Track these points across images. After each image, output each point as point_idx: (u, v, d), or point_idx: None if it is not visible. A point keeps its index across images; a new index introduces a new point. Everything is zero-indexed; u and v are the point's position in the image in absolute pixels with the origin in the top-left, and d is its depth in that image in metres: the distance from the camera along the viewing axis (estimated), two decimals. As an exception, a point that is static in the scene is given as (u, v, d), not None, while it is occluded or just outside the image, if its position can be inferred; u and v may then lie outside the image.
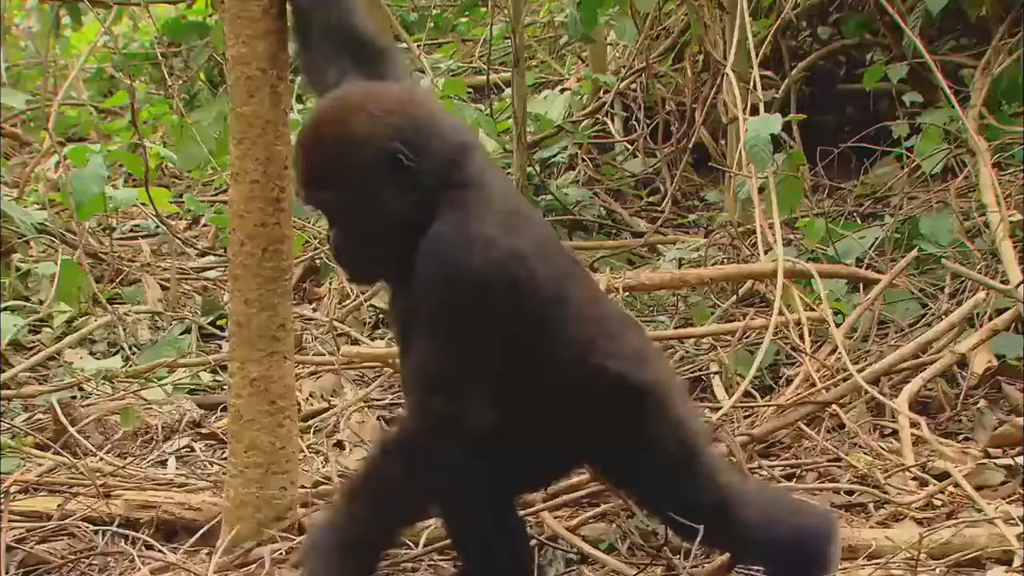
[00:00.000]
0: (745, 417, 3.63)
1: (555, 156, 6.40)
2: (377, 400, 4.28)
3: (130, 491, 3.26)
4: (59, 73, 7.83)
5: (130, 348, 4.70)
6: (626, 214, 6.12)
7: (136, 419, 3.90)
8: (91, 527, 3.10)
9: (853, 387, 3.52)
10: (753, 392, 3.87)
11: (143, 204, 5.69)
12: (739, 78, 4.53)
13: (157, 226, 6.04)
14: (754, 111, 4.38)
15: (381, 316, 5.16)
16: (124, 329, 4.77)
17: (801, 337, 3.82)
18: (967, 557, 2.82)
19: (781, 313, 3.84)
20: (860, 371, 3.59)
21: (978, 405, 3.75)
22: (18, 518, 3.15)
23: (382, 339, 4.85)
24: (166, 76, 7.13)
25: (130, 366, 4.46)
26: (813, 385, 3.69)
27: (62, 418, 3.73)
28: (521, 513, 2.86)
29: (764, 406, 3.56)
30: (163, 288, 5.21)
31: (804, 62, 6.22)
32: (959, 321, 3.78)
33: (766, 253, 4.12)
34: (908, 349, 3.73)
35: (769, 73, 5.64)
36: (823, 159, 5.25)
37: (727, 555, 2.75)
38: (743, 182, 4.45)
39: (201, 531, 3.02)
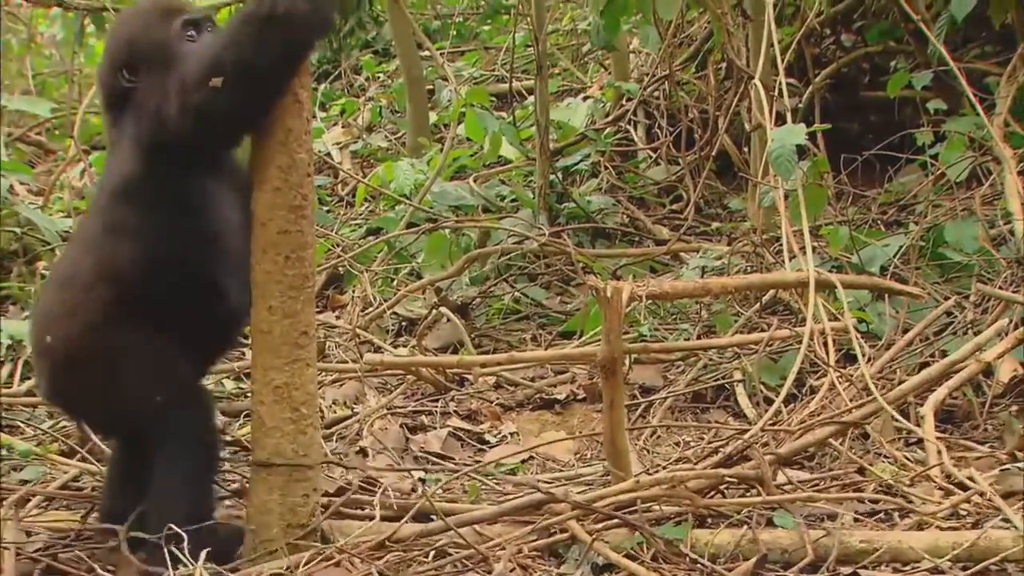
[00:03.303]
0: (771, 425, 3.61)
1: (578, 164, 6.40)
2: (400, 408, 4.28)
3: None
4: (83, 81, 7.86)
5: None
6: (649, 222, 6.11)
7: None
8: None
9: (879, 407, 3.50)
10: (774, 400, 3.85)
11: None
12: (763, 86, 4.51)
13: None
14: (779, 119, 4.36)
15: (404, 324, 5.17)
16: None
17: (825, 347, 3.80)
18: (992, 562, 2.81)
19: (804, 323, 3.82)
20: (885, 391, 3.57)
21: (1007, 412, 3.73)
22: (42, 530, 3.15)
23: (404, 347, 4.85)
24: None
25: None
26: (837, 395, 3.67)
27: (85, 426, 3.73)
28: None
29: (790, 431, 3.54)
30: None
31: (828, 69, 6.21)
32: (985, 342, 3.75)
33: (790, 261, 4.10)
34: (935, 369, 3.71)
35: (793, 80, 5.62)
36: (847, 166, 5.23)
37: (751, 561, 2.76)
38: (767, 190, 4.43)
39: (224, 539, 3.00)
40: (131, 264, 2.89)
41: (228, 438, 3.96)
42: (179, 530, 2.76)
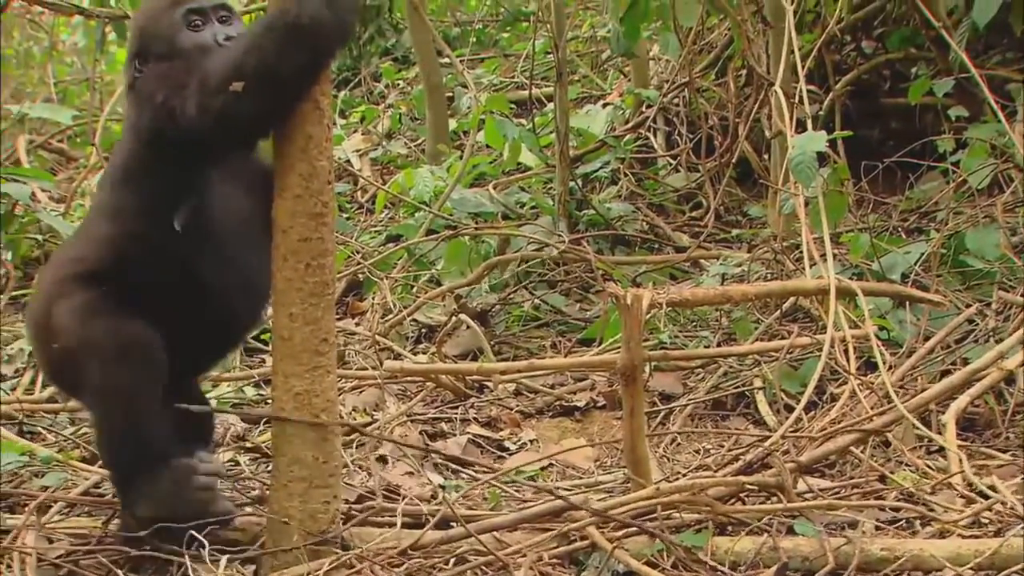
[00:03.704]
0: (793, 431, 3.60)
1: (597, 171, 6.40)
2: (419, 415, 4.29)
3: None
4: (105, 89, 7.90)
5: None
6: (668, 229, 6.11)
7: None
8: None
9: (900, 415, 3.49)
10: (794, 407, 3.85)
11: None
12: (784, 93, 4.51)
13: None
14: (799, 126, 4.36)
15: (423, 331, 5.18)
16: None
17: (846, 354, 3.80)
18: (1014, 570, 2.79)
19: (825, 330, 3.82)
20: (907, 399, 3.56)
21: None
22: (63, 535, 3.16)
23: (424, 354, 4.86)
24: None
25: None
26: (858, 403, 3.66)
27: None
28: None
29: (811, 438, 3.54)
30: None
31: (848, 76, 6.20)
32: (1007, 349, 3.73)
33: (811, 268, 4.09)
34: (957, 377, 3.69)
35: (813, 87, 5.61)
36: (867, 174, 5.22)
37: (772, 570, 2.75)
38: (787, 197, 4.42)
39: (246, 545, 3.01)
40: (111, 248, 2.93)
41: (248, 444, 3.98)
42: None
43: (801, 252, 4.36)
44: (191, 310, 2.97)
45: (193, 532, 2.86)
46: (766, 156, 5.89)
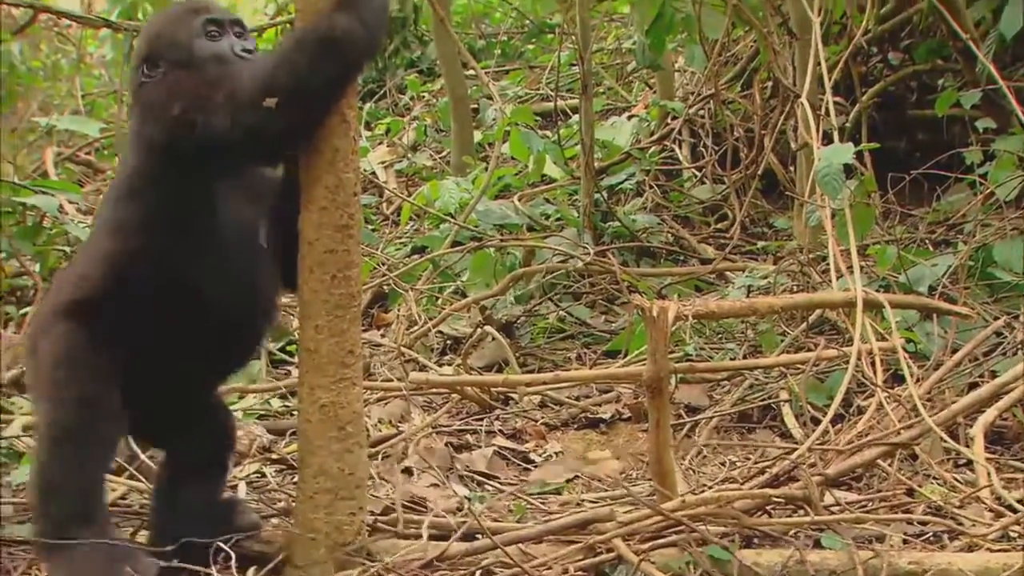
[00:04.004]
0: (819, 444, 3.59)
1: (623, 183, 6.40)
2: (445, 426, 4.29)
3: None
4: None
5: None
6: (694, 240, 6.10)
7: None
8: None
9: (928, 428, 3.47)
10: (821, 420, 3.83)
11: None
12: (810, 104, 4.50)
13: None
14: (826, 138, 4.35)
15: (449, 342, 5.18)
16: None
17: (873, 367, 3.78)
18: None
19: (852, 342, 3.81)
20: (934, 412, 3.54)
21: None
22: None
23: (449, 365, 4.86)
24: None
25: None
26: (886, 416, 3.64)
27: (133, 444, 3.76)
28: None
29: (839, 450, 3.52)
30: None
31: (875, 88, 6.19)
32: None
33: (837, 280, 4.08)
34: (985, 390, 3.67)
35: (839, 99, 5.59)
36: (894, 185, 5.20)
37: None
38: (813, 209, 4.41)
39: (272, 557, 3.01)
40: (113, 266, 2.87)
41: (274, 456, 3.98)
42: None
43: (827, 264, 4.34)
44: (193, 325, 2.90)
45: (220, 544, 2.86)
46: (792, 168, 5.88)
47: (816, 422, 3.80)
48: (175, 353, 2.90)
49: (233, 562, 2.79)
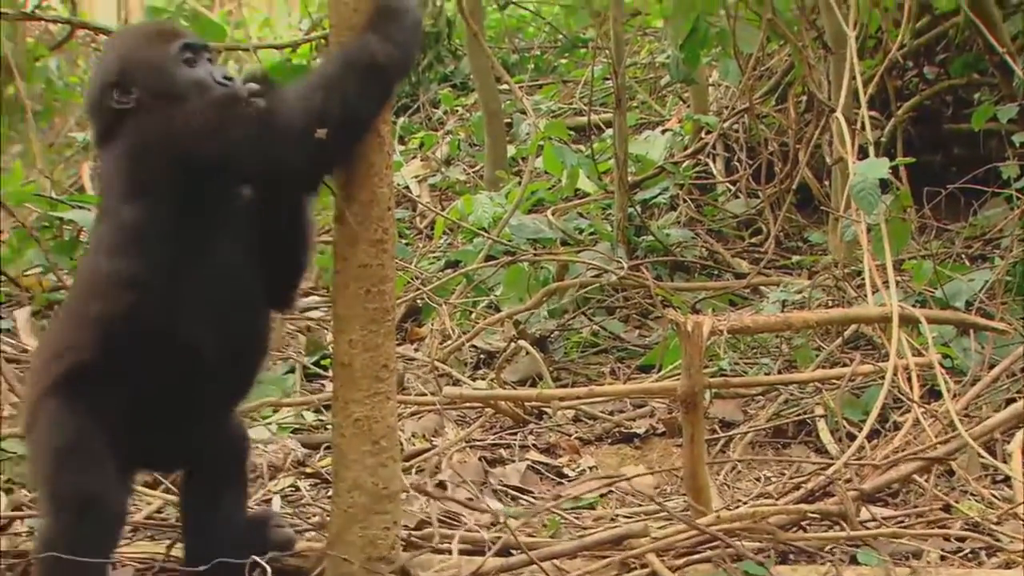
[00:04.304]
0: (855, 459, 3.57)
1: (656, 197, 6.39)
2: (479, 440, 4.28)
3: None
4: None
5: (235, 387, 4.74)
6: (728, 255, 6.08)
7: (242, 458, 3.93)
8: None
9: (964, 444, 3.45)
10: (856, 435, 3.81)
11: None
12: (845, 119, 4.49)
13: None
14: (862, 152, 4.33)
15: (482, 356, 5.18)
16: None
17: (909, 382, 3.76)
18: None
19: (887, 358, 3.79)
20: (971, 427, 3.52)
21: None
22: (128, 560, 3.19)
23: (483, 379, 4.86)
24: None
25: (236, 405, 4.50)
26: (922, 432, 3.62)
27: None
28: None
29: (875, 465, 3.50)
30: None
31: (910, 102, 6.17)
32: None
33: (873, 295, 4.06)
34: (1022, 405, 3.64)
35: (875, 113, 5.58)
36: (930, 200, 5.17)
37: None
38: (848, 223, 4.40)
39: (306, 572, 3.02)
40: (100, 329, 2.72)
41: (308, 470, 3.99)
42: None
43: (863, 279, 4.33)
44: (189, 374, 2.79)
45: (256, 559, 2.87)
46: (826, 182, 5.86)
47: (852, 437, 3.78)
48: (172, 399, 2.81)
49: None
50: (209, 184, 2.70)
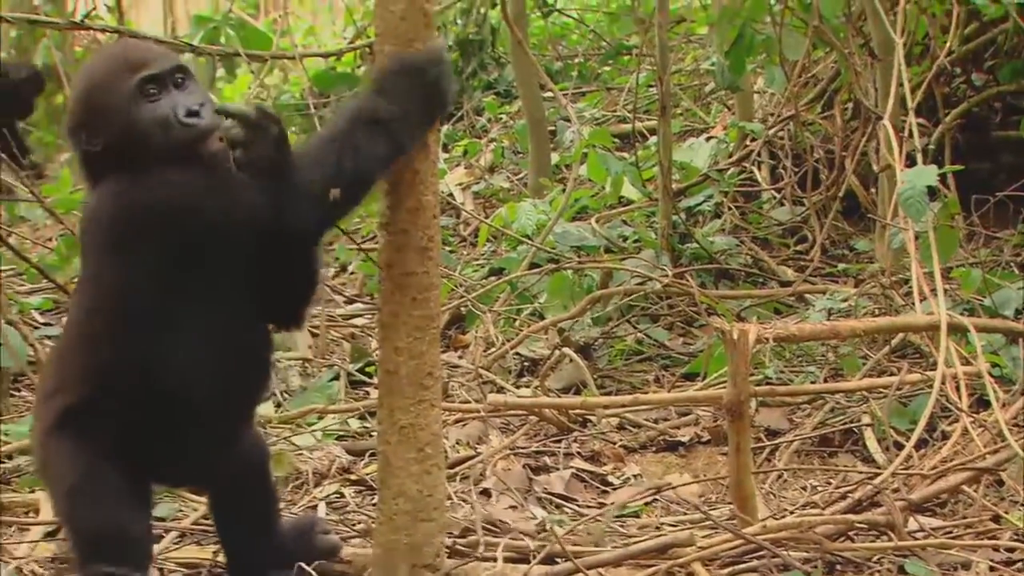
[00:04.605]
0: (903, 469, 3.54)
1: (701, 204, 6.37)
2: (523, 448, 4.28)
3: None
4: (214, 124, 8.03)
5: (281, 394, 4.78)
6: (773, 263, 6.05)
7: (288, 464, 3.96)
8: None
9: (1014, 454, 3.41)
10: (903, 444, 3.78)
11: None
12: (892, 126, 4.46)
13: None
14: (909, 160, 4.30)
15: (526, 364, 5.18)
16: (276, 375, 4.84)
17: (957, 391, 3.73)
18: None
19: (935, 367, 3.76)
20: (1021, 437, 3.49)
21: None
22: (175, 566, 3.22)
23: (527, 387, 4.86)
24: (317, 126, 7.29)
25: (282, 412, 4.53)
26: (971, 441, 3.59)
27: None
28: None
29: (923, 475, 3.47)
30: (313, 335, 5.29)
31: (958, 109, 6.12)
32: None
33: (921, 304, 4.03)
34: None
35: (922, 120, 5.53)
36: (978, 208, 5.13)
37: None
38: (896, 231, 4.37)
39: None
40: (89, 381, 2.71)
41: (353, 477, 4.00)
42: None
43: (910, 287, 4.29)
44: (184, 413, 2.74)
45: (302, 566, 2.89)
46: (873, 190, 5.82)
47: (899, 447, 3.76)
48: (165, 434, 2.76)
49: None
50: (200, 242, 2.61)
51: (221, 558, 3.18)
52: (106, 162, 2.64)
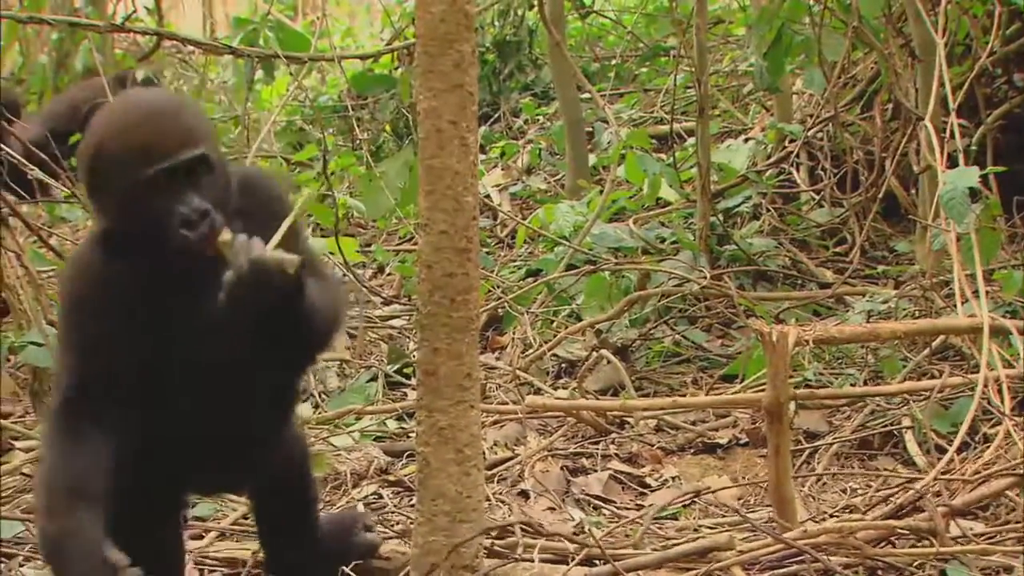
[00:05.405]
0: (945, 473, 3.52)
1: (739, 206, 6.34)
2: (560, 450, 4.28)
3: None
4: (252, 126, 8.08)
5: (319, 395, 4.79)
6: (812, 264, 6.02)
7: (327, 465, 3.97)
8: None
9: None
10: (944, 448, 3.75)
11: (331, 253, 5.82)
12: (933, 127, 4.43)
13: (344, 275, 6.16)
14: (951, 161, 4.27)
15: (564, 365, 5.17)
16: (314, 376, 4.86)
17: (1000, 394, 3.70)
18: None
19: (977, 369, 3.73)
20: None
21: None
22: (215, 563, 3.23)
23: (564, 388, 4.85)
24: (355, 127, 7.32)
25: (319, 413, 4.54)
26: (1013, 445, 3.56)
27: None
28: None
29: (965, 480, 3.45)
30: (350, 336, 5.30)
31: (1000, 110, 6.06)
32: None
33: (962, 306, 4.00)
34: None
35: (963, 121, 5.49)
36: (1020, 209, 5.08)
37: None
38: (937, 233, 4.33)
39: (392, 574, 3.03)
40: None
41: (391, 478, 4.01)
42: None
43: (951, 289, 4.26)
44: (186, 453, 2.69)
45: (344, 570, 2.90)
46: (913, 191, 5.78)
47: (940, 450, 3.73)
48: (194, 447, 2.71)
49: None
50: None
51: (262, 555, 3.19)
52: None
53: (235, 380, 2.65)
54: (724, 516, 3.75)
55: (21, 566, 3.28)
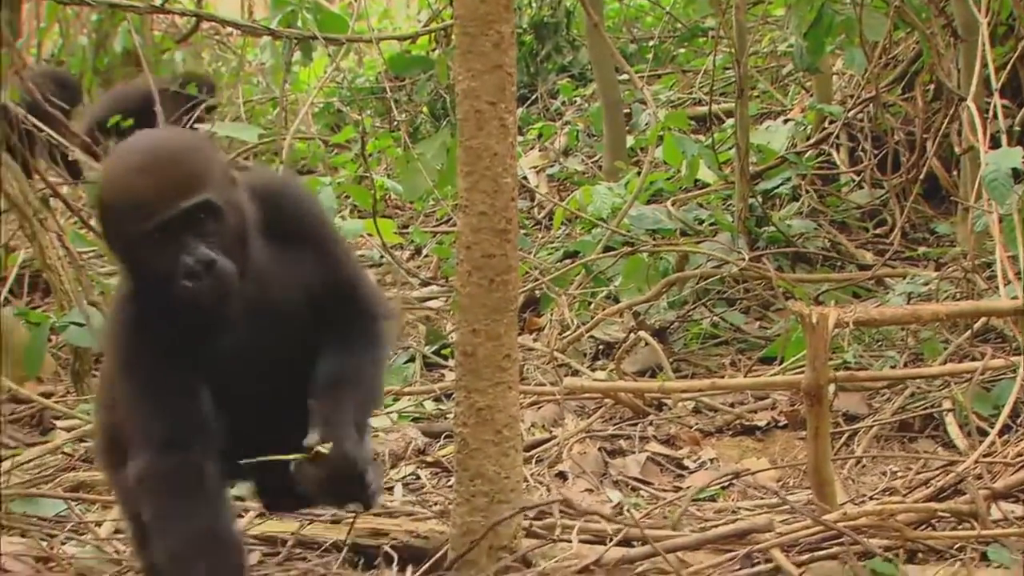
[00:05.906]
0: (986, 456, 3.49)
1: (778, 187, 6.30)
2: (598, 431, 4.27)
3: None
4: (290, 107, 8.09)
5: (357, 375, 4.79)
6: (851, 246, 5.97)
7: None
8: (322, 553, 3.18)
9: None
10: (986, 430, 3.72)
11: (369, 235, 5.83)
12: (976, 107, 4.38)
13: (382, 256, 6.17)
14: (993, 142, 4.23)
15: (601, 347, 5.16)
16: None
17: (1042, 376, 3.67)
18: None
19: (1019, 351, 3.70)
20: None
21: None
22: (255, 542, 3.25)
23: (602, 370, 4.85)
24: (392, 109, 7.32)
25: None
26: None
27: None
28: None
29: (1007, 463, 3.42)
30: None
31: (1043, 90, 5.98)
32: None
33: (1005, 287, 3.96)
34: None
35: (1006, 102, 5.43)
36: (1063, 190, 5.02)
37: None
38: (979, 214, 4.30)
39: (430, 559, 3.04)
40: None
41: (429, 459, 4.02)
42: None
43: (993, 271, 4.22)
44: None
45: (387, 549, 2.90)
46: (955, 172, 5.73)
47: (981, 432, 3.70)
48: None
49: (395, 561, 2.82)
50: None
51: (304, 532, 3.20)
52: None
53: (287, 393, 2.60)
54: (763, 498, 3.74)
55: (63, 544, 3.31)
